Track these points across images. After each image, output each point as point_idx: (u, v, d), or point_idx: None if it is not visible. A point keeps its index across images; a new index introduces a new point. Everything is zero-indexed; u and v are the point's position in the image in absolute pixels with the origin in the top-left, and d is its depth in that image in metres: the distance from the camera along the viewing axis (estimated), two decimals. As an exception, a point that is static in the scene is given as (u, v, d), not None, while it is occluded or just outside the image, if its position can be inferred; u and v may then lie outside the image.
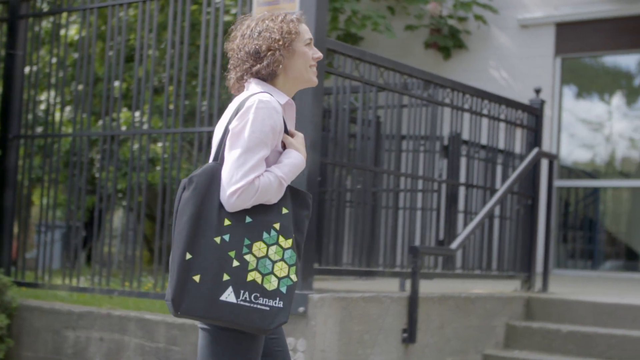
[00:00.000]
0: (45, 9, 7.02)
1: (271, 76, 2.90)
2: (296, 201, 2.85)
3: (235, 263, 2.69)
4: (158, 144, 7.38)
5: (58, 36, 6.54)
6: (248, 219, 2.73)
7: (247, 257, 2.70)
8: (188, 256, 2.68)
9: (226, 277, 2.68)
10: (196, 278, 2.67)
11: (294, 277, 2.76)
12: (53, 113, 6.55)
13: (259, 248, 2.72)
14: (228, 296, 2.67)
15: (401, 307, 5.19)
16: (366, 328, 4.95)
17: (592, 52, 10.45)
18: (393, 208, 5.82)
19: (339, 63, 5.20)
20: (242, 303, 2.68)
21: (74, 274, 6.23)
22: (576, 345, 5.78)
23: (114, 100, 6.73)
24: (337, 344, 4.76)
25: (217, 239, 2.70)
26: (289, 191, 2.83)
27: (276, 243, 2.75)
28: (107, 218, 6.47)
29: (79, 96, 6.34)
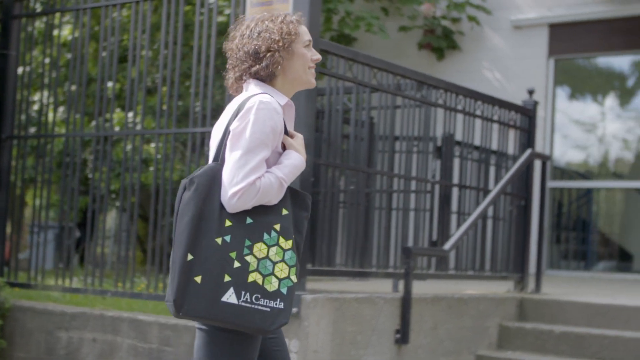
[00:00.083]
0: (38, 9, 7.02)
1: (270, 77, 2.90)
2: (296, 202, 2.86)
3: (236, 264, 2.69)
4: (151, 145, 7.38)
5: (51, 36, 6.53)
6: (249, 220, 2.73)
7: (248, 258, 2.71)
8: (189, 257, 2.68)
9: (227, 278, 2.68)
10: (197, 279, 2.67)
11: (294, 278, 2.77)
12: (46, 113, 6.54)
13: (260, 249, 2.73)
14: (229, 297, 2.67)
15: (394, 308, 5.20)
16: (359, 329, 4.95)
17: (586, 53, 10.47)
18: (386, 209, 5.82)
19: (332, 64, 5.20)
20: (244, 304, 2.68)
21: (67, 275, 6.22)
22: (569, 345, 5.79)
23: (107, 100, 6.73)
24: (330, 345, 4.76)
25: (219, 240, 2.70)
26: (289, 192, 2.84)
27: (277, 244, 2.75)
28: (100, 219, 6.46)
29: (72, 97, 6.33)
